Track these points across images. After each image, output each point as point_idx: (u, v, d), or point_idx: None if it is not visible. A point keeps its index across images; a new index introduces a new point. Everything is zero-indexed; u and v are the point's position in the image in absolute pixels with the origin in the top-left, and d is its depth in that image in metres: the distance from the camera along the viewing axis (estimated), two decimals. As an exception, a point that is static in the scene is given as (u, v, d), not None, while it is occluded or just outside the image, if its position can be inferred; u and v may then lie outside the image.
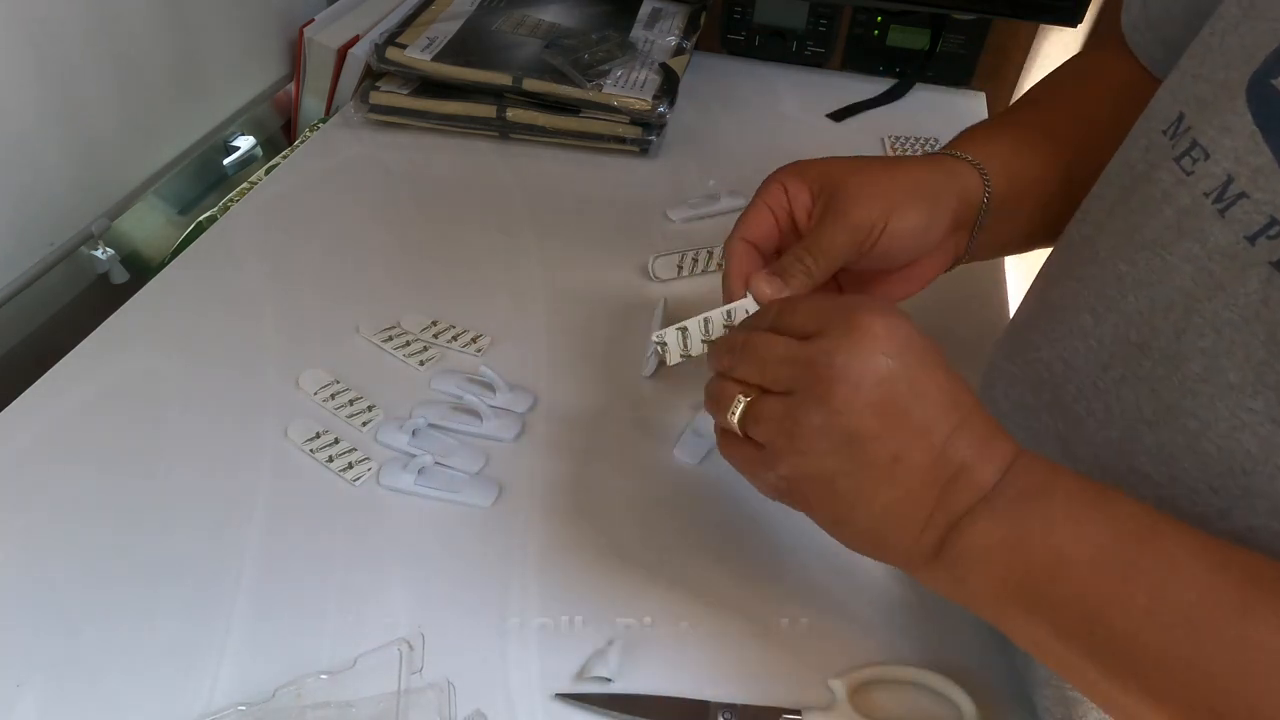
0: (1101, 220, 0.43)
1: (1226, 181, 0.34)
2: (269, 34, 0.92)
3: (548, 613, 0.48)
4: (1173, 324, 0.36)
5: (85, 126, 0.72)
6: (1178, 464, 0.36)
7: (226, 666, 0.45)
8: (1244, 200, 0.34)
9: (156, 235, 0.81)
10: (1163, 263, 0.37)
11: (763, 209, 0.48)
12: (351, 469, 0.55)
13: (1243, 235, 0.34)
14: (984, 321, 0.69)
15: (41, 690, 0.44)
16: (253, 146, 0.92)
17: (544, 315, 0.67)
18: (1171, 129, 0.39)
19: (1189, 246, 0.36)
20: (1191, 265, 0.36)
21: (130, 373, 0.61)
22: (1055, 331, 0.43)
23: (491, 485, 0.54)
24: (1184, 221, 0.36)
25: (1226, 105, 0.35)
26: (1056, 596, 0.34)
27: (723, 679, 0.45)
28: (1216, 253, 0.35)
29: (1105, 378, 0.40)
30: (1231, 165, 0.34)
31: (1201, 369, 0.35)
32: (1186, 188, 0.37)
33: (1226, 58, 0.37)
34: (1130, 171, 0.41)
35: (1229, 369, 0.34)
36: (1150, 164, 0.40)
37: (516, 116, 0.85)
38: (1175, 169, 0.37)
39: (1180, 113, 0.38)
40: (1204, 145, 0.36)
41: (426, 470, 0.54)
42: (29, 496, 0.53)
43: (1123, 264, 0.39)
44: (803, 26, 1.00)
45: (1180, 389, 0.36)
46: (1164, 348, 0.37)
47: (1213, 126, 0.36)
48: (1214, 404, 0.35)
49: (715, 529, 0.53)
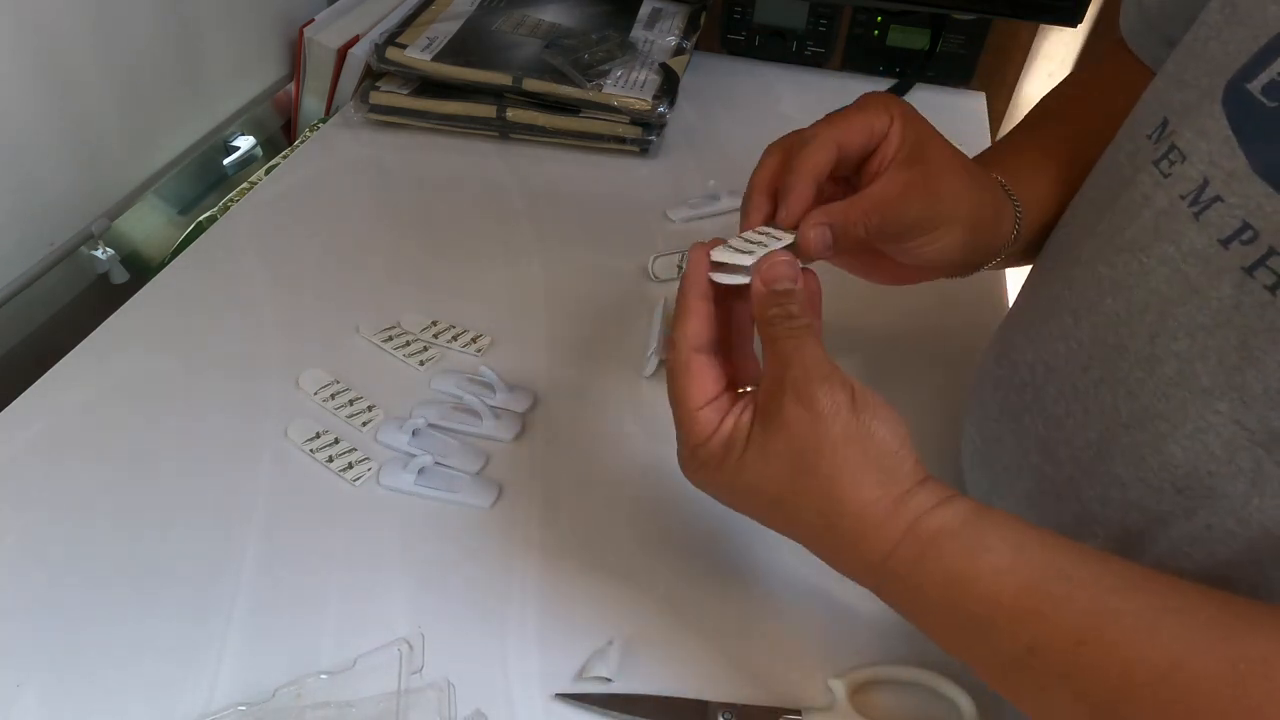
0: (1088, 223, 0.43)
1: (1202, 185, 0.35)
2: (269, 34, 0.92)
3: (548, 613, 0.48)
4: (1148, 326, 0.37)
5: (85, 126, 0.72)
6: (1146, 465, 0.37)
7: (226, 666, 0.45)
8: (1218, 204, 0.34)
9: (156, 235, 0.81)
10: (1140, 265, 0.37)
11: (865, 126, 0.43)
12: (351, 469, 0.55)
13: (1216, 239, 0.34)
14: (982, 325, 0.69)
15: (42, 690, 0.44)
16: (253, 146, 0.92)
17: (544, 315, 0.67)
18: (1155, 133, 0.39)
19: (1165, 249, 0.36)
20: (1167, 268, 0.36)
21: (130, 373, 0.61)
22: (1038, 333, 0.44)
23: (491, 485, 0.54)
24: (1161, 224, 0.37)
25: (1205, 109, 0.36)
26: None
27: (723, 679, 0.45)
28: (1191, 255, 0.35)
29: (1084, 379, 0.40)
30: (1207, 168, 0.35)
31: (1175, 372, 0.35)
32: (1164, 190, 0.37)
33: (1208, 63, 0.37)
34: (1115, 175, 0.42)
35: (1201, 373, 0.34)
36: (1134, 167, 0.40)
37: (516, 116, 0.85)
38: (1154, 171, 0.38)
39: (1164, 118, 0.39)
40: (1181, 148, 0.36)
41: (426, 470, 0.54)
42: (29, 496, 0.53)
43: (1103, 266, 0.40)
44: (803, 26, 1.00)
45: (1155, 392, 0.36)
46: (1140, 350, 0.37)
47: (1191, 129, 0.36)
48: (1185, 407, 0.35)
49: (715, 529, 0.53)
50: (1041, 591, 0.32)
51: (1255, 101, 0.34)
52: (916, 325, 0.67)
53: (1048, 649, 0.32)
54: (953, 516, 0.35)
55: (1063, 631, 0.32)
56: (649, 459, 0.57)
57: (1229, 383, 0.33)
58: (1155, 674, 0.30)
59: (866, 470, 0.35)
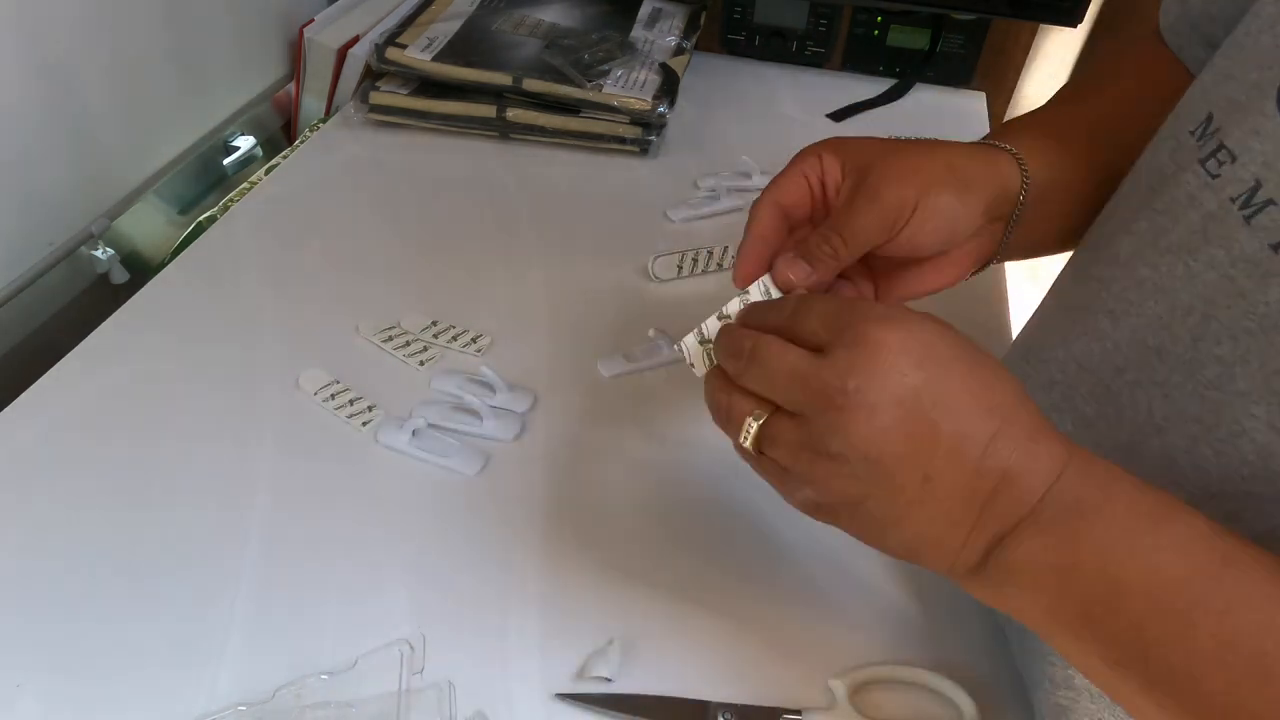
0: (1125, 221, 0.42)
1: (1254, 187, 0.34)
2: (269, 34, 0.92)
3: (548, 613, 0.48)
4: (1190, 330, 0.36)
5: (86, 126, 0.72)
6: (1178, 468, 0.36)
7: (226, 666, 0.45)
8: (1271, 207, 0.33)
9: (156, 235, 0.81)
10: (1186, 269, 0.36)
11: (798, 175, 0.45)
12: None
13: (1268, 243, 0.33)
14: (980, 328, 0.69)
15: (41, 690, 0.44)
16: (253, 146, 0.92)
17: (544, 315, 0.67)
18: (1200, 129, 0.38)
19: (1214, 253, 0.35)
20: (1215, 272, 0.35)
21: (130, 373, 0.61)
22: (1072, 331, 0.43)
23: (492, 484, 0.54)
24: (1210, 227, 0.36)
25: (1257, 107, 0.34)
26: (1111, 628, 0.31)
27: (723, 679, 0.45)
28: (1241, 260, 0.34)
29: (1119, 381, 0.39)
30: (1260, 170, 0.33)
31: (1215, 375, 0.34)
32: (1213, 191, 0.36)
33: (1260, 57, 0.36)
34: (1157, 173, 0.41)
35: (1240, 376, 0.33)
36: (1178, 165, 0.39)
37: (516, 116, 0.85)
38: (1201, 171, 0.36)
39: (1209, 113, 0.37)
40: (1231, 148, 0.35)
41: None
42: (29, 496, 0.53)
43: (1144, 268, 0.38)
44: (803, 26, 1.00)
45: (1192, 395, 0.35)
46: (1180, 354, 0.36)
47: (1241, 129, 0.35)
48: (1219, 410, 0.34)
49: (716, 529, 0.53)
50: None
51: None
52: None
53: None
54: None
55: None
56: (649, 459, 0.57)
57: (1267, 386, 0.32)
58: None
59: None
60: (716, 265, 0.72)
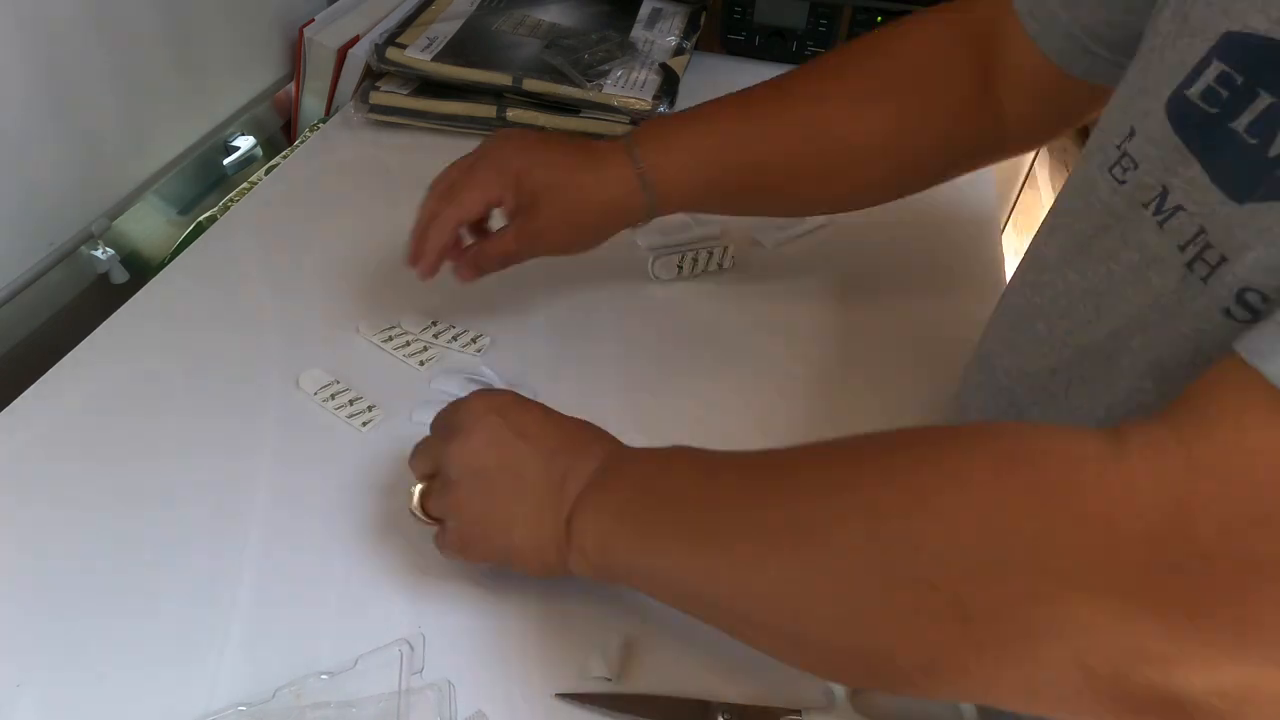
0: (1057, 229, 0.44)
1: (1162, 193, 0.36)
2: (269, 34, 0.92)
3: (548, 613, 0.48)
4: (1109, 326, 0.38)
5: (85, 126, 0.72)
6: None
7: (226, 666, 0.45)
8: (1180, 213, 0.35)
9: (156, 235, 0.81)
10: (1107, 271, 0.39)
11: (479, 202, 0.58)
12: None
13: (1176, 244, 0.35)
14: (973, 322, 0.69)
15: (41, 691, 0.44)
16: (253, 146, 0.92)
17: (544, 315, 0.67)
18: (1124, 142, 0.40)
19: (1129, 256, 0.38)
20: (1131, 272, 0.37)
21: (130, 373, 0.61)
22: (1014, 339, 0.45)
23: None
24: (1126, 231, 0.38)
25: (1156, 116, 0.37)
26: (654, 521, 0.41)
27: (723, 679, 0.45)
28: (1156, 262, 0.36)
29: (1054, 382, 0.42)
30: (1162, 175, 0.36)
31: (1127, 364, 0.37)
32: (1122, 196, 0.38)
33: (1162, 73, 0.38)
34: (1083, 181, 0.43)
35: (1146, 360, 0.36)
36: (1097, 172, 0.41)
37: (517, 116, 0.85)
38: (1109, 178, 0.39)
39: (1131, 127, 0.39)
40: (1133, 155, 0.38)
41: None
42: (29, 497, 0.53)
43: (1072, 273, 0.41)
44: (803, 26, 1.00)
45: (1113, 387, 0.38)
46: (1101, 347, 0.39)
47: (1143, 138, 0.38)
48: (1127, 395, 0.37)
49: (715, 529, 0.53)
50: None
51: (1194, 107, 0.35)
52: (911, 322, 0.67)
53: None
54: None
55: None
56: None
57: (1158, 363, 0.36)
58: None
59: None
60: (717, 265, 0.72)
